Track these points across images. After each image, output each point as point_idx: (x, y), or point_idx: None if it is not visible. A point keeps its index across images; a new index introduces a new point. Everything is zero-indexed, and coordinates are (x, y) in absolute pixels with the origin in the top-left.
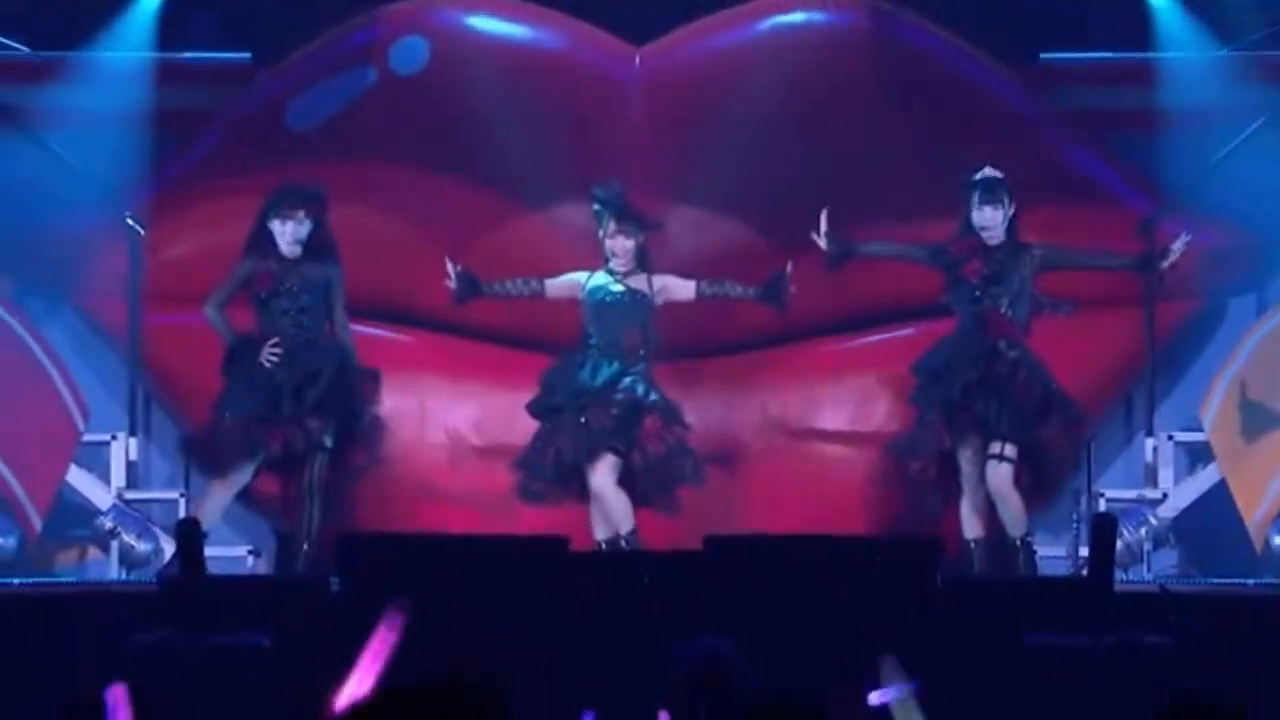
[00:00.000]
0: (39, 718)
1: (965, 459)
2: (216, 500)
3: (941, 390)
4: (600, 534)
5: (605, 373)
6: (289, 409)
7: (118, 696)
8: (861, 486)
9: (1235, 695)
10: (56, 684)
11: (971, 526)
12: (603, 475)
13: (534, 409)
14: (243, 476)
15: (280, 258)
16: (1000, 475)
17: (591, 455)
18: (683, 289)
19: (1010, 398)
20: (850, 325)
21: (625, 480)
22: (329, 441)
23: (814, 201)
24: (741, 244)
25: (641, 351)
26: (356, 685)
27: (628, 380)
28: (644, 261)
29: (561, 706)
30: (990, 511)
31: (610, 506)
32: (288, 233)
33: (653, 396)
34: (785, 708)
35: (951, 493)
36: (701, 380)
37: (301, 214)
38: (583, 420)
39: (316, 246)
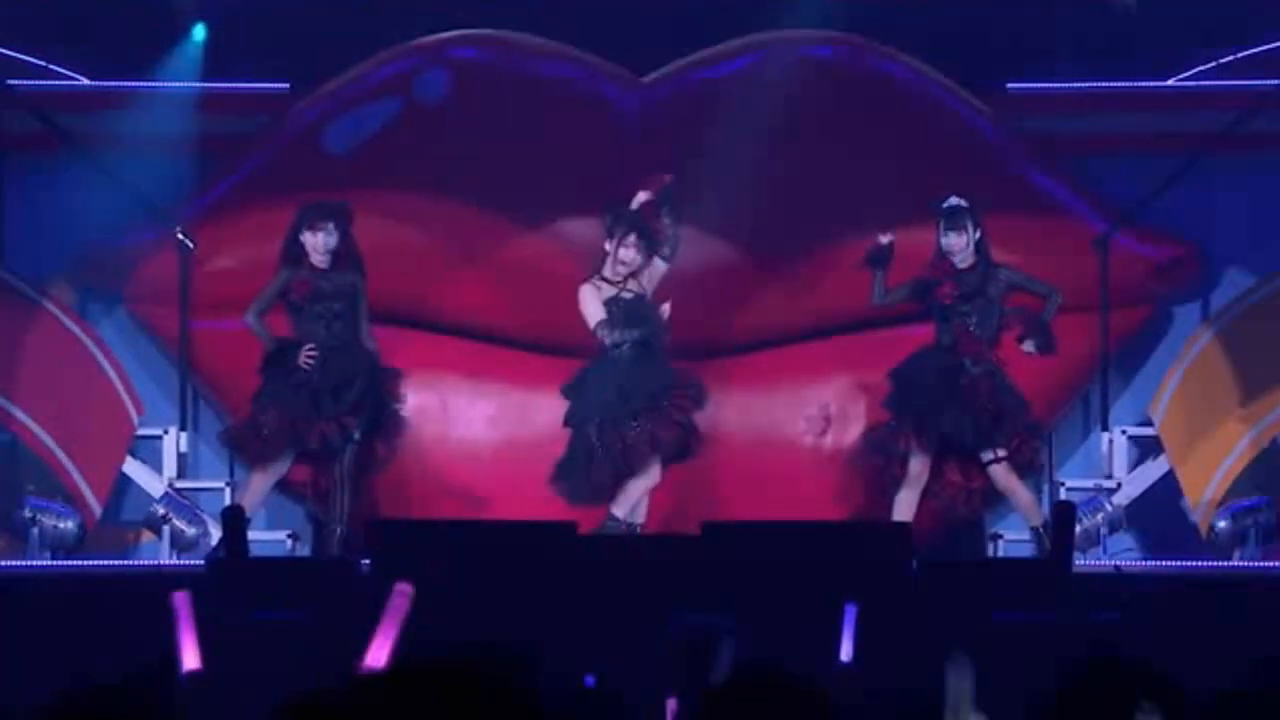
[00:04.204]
0: (97, 687)
1: (915, 458)
2: (258, 489)
3: (910, 398)
4: (620, 512)
5: (629, 372)
6: (328, 408)
7: (182, 602)
8: (839, 479)
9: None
10: (112, 656)
11: (901, 513)
12: (641, 480)
13: (569, 421)
14: (281, 467)
15: (312, 268)
16: (1001, 473)
17: (636, 468)
18: (658, 272)
19: (970, 409)
20: (832, 329)
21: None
22: (357, 435)
23: (797, 218)
24: (727, 258)
25: (655, 343)
26: (373, 658)
27: (651, 375)
28: (637, 274)
29: (571, 676)
30: (915, 503)
31: (635, 500)
32: (319, 243)
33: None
34: (778, 684)
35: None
36: None
37: (331, 225)
38: (624, 433)
39: (342, 256)
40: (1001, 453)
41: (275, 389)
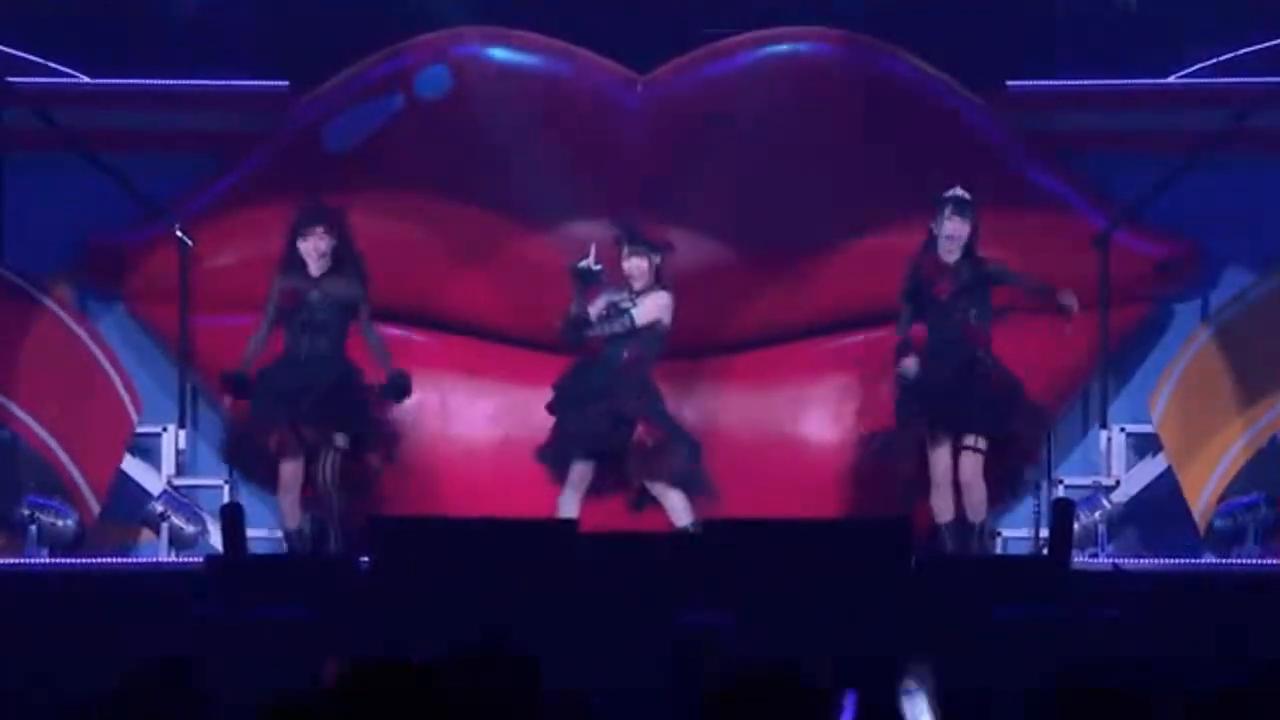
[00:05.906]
0: (97, 683)
1: (938, 454)
2: (285, 504)
3: (923, 397)
4: (683, 521)
5: (601, 376)
6: (304, 418)
7: None
8: (839, 477)
9: (1139, 681)
10: (113, 652)
11: (944, 512)
12: (668, 491)
13: (551, 408)
14: (294, 479)
15: (306, 275)
16: (972, 464)
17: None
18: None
19: (987, 398)
20: (831, 327)
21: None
22: (340, 441)
23: (796, 216)
24: (726, 256)
25: (631, 356)
26: None
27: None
28: (660, 278)
29: (572, 672)
30: (958, 497)
31: (675, 502)
32: (311, 248)
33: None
34: (778, 682)
35: (924, 486)
36: (696, 379)
37: (321, 229)
38: (600, 418)
39: (342, 263)
40: (982, 445)
41: (257, 401)
